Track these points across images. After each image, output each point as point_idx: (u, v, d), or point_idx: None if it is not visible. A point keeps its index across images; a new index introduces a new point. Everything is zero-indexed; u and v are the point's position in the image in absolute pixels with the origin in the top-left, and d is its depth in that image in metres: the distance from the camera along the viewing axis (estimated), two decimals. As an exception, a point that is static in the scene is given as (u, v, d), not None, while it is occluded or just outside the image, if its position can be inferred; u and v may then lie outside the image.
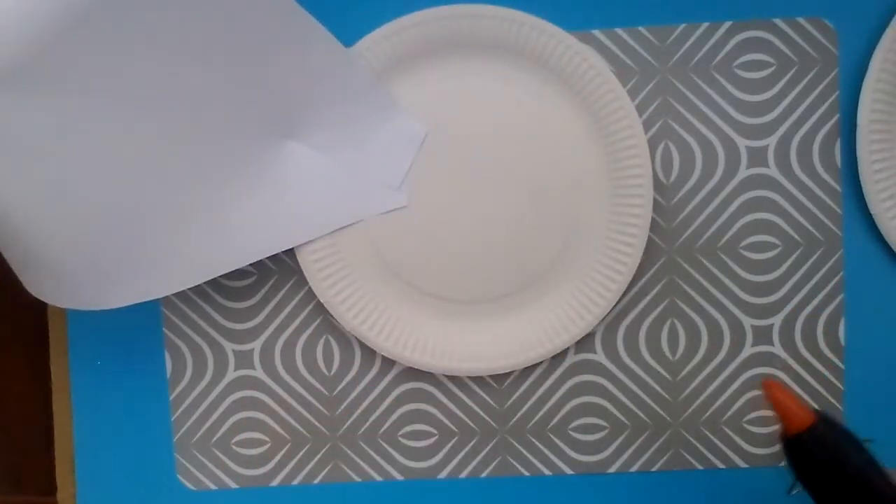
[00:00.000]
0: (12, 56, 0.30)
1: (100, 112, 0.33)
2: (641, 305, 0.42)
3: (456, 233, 0.42)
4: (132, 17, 0.32)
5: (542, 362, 0.43)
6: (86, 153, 0.31)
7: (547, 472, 0.43)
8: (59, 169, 0.33)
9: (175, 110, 0.35)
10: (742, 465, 0.43)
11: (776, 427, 0.42)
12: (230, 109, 0.37)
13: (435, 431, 0.43)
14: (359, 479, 0.44)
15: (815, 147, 0.41)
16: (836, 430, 0.30)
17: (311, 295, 0.43)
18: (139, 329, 0.44)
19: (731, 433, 0.42)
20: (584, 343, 0.42)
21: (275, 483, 0.44)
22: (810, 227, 0.42)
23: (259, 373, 0.44)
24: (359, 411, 0.43)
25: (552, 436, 0.43)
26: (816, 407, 0.30)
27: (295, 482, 0.44)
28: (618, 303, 0.42)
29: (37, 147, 0.32)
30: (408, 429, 0.43)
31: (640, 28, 0.41)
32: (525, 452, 0.43)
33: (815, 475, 0.29)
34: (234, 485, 0.44)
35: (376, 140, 0.41)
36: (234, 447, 0.44)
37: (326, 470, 0.44)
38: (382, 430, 0.43)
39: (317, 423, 0.44)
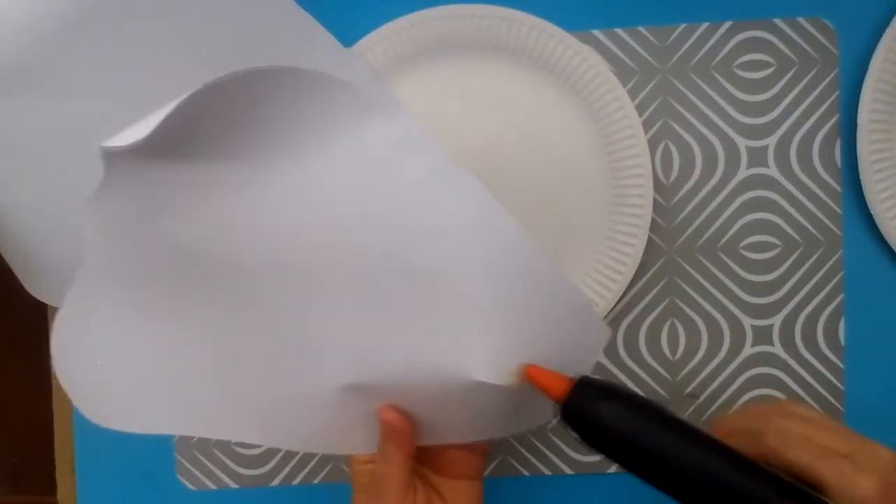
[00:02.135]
0: (14, 58, 0.30)
1: (101, 115, 0.33)
2: (641, 305, 0.42)
3: (456, 233, 0.41)
4: (131, 21, 0.32)
5: (542, 362, 0.43)
6: (88, 156, 0.31)
7: (547, 472, 0.43)
8: (61, 171, 0.33)
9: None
10: (742, 465, 0.43)
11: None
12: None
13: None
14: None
15: (815, 147, 0.41)
16: (597, 392, 0.28)
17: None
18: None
19: (731, 433, 0.42)
20: (584, 343, 0.42)
21: (275, 483, 0.44)
22: (810, 227, 0.42)
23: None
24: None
25: (552, 435, 0.43)
26: (574, 376, 0.29)
27: (295, 482, 0.44)
28: (618, 303, 0.42)
29: (39, 149, 0.32)
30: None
31: (640, 28, 0.41)
32: (525, 452, 0.43)
33: (589, 438, 0.29)
34: (234, 485, 0.44)
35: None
36: (234, 447, 0.44)
37: (327, 469, 0.44)
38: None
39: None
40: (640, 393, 0.42)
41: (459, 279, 0.31)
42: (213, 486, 0.44)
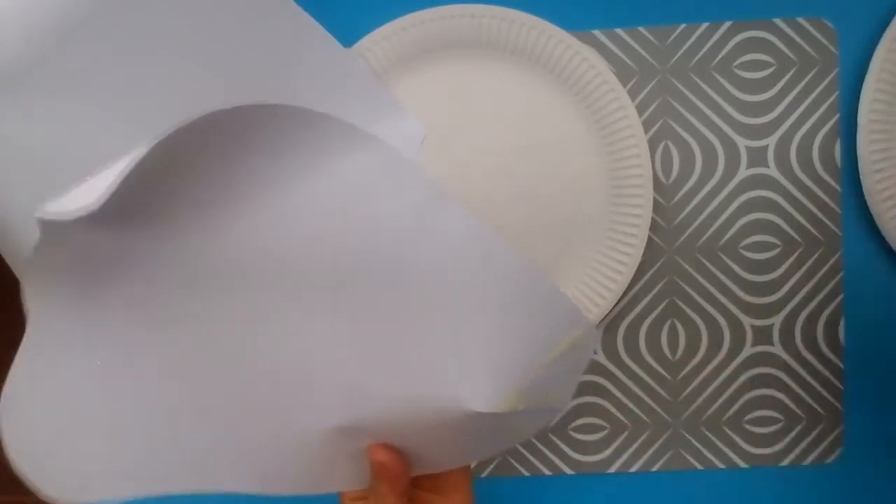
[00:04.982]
0: (11, 58, 0.30)
1: (101, 115, 0.33)
2: (641, 305, 0.42)
3: (456, 233, 0.41)
4: (131, 23, 0.32)
5: (542, 362, 0.43)
6: (85, 156, 0.31)
7: (547, 472, 0.43)
8: (60, 171, 0.33)
9: (175, 114, 0.35)
10: (742, 465, 0.43)
11: (776, 427, 0.42)
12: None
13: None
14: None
15: (815, 147, 0.41)
16: None
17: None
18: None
19: (731, 433, 0.42)
20: (584, 343, 0.42)
21: (275, 483, 0.44)
22: (810, 227, 0.42)
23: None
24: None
25: (552, 436, 0.43)
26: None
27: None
28: (618, 303, 0.42)
29: (38, 149, 0.32)
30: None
31: (640, 28, 0.41)
32: (525, 452, 0.43)
33: None
34: (234, 485, 0.44)
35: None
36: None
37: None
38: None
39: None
40: (636, 392, 0.42)
41: (453, 306, 0.30)
42: (213, 486, 0.44)
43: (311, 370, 0.31)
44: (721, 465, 0.43)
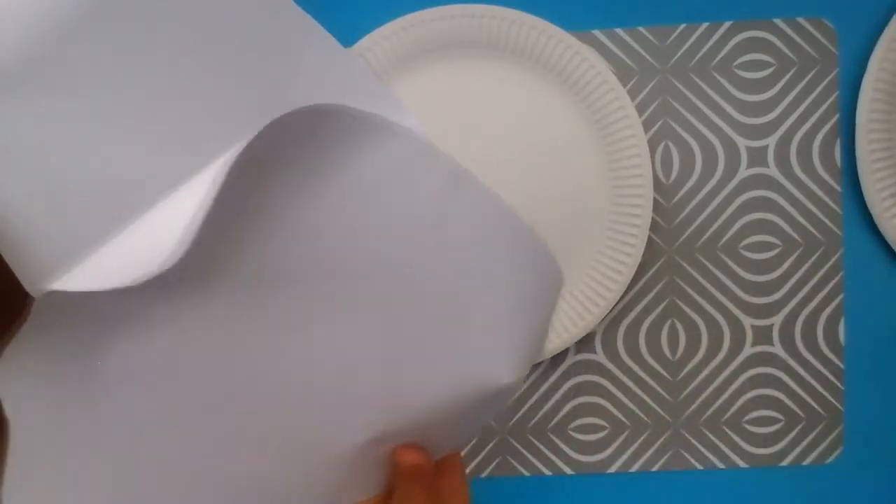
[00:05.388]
0: (11, 58, 0.30)
1: (100, 116, 0.33)
2: (641, 305, 0.42)
3: (456, 233, 0.41)
4: (131, 23, 0.32)
5: (541, 362, 0.43)
6: (85, 157, 0.31)
7: (547, 472, 0.43)
8: (60, 171, 0.33)
9: (173, 112, 0.35)
10: (742, 465, 0.43)
11: (776, 427, 0.42)
12: (229, 112, 0.37)
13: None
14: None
15: (815, 147, 0.41)
16: None
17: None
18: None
19: (731, 433, 0.42)
20: (584, 343, 0.42)
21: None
22: (810, 227, 0.42)
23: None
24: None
25: (552, 436, 0.43)
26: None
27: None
28: (618, 303, 0.42)
29: (38, 149, 0.32)
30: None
31: (640, 28, 0.41)
32: (525, 452, 0.43)
33: None
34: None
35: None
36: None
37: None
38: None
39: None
40: (636, 392, 0.42)
41: (477, 285, 0.29)
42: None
43: (348, 383, 0.30)
44: (721, 465, 0.43)
